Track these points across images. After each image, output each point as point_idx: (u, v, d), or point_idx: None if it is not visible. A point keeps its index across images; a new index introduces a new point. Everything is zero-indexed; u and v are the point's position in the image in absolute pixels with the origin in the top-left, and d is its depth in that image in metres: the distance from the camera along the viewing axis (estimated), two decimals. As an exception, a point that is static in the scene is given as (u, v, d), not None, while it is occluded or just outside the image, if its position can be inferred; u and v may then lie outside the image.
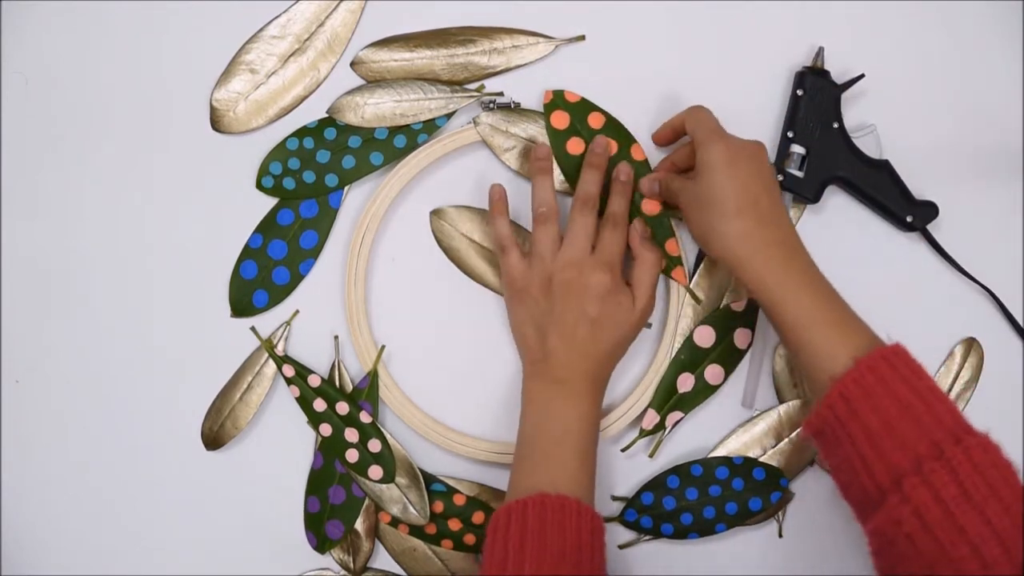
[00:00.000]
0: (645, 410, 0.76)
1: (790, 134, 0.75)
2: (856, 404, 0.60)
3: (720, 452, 0.77)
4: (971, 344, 0.78)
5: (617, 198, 0.74)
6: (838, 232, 0.77)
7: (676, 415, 0.76)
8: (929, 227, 0.76)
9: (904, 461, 0.58)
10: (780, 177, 0.75)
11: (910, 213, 0.76)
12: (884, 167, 0.76)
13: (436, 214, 0.77)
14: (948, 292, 0.78)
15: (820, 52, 0.76)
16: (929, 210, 0.76)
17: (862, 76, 0.75)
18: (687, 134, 0.73)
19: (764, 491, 0.76)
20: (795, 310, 0.65)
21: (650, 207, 0.75)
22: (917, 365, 0.62)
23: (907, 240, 0.78)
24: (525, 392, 0.71)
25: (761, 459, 0.76)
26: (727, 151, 0.68)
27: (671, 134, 0.75)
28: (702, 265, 0.77)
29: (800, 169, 0.75)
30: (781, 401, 0.77)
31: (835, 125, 0.75)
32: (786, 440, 0.77)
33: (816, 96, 0.75)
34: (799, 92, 0.75)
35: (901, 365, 0.61)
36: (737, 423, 0.77)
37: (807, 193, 0.75)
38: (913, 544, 0.57)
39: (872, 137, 0.76)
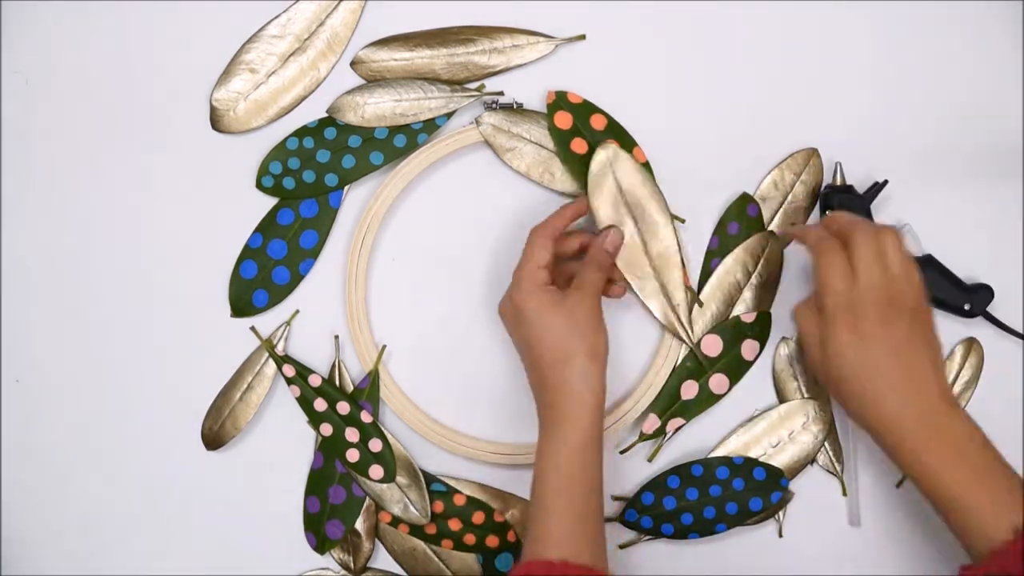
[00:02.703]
0: (646, 414, 0.76)
1: None
2: None
3: (720, 452, 0.77)
4: (971, 344, 0.78)
5: (595, 271, 0.71)
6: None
7: (678, 421, 0.76)
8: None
9: None
10: None
11: (966, 301, 0.76)
12: (930, 263, 0.76)
13: None
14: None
15: (838, 168, 0.76)
16: (984, 294, 0.76)
17: (886, 183, 0.75)
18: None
19: (764, 491, 0.76)
20: (948, 488, 0.63)
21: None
22: None
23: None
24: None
25: (761, 459, 0.76)
26: (855, 330, 0.66)
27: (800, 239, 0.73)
28: (713, 276, 0.77)
29: None
30: (781, 401, 0.77)
31: None
32: (787, 440, 0.77)
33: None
34: (828, 213, 0.75)
35: None
36: (737, 423, 0.77)
37: None
38: None
39: (909, 236, 0.76)
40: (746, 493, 0.76)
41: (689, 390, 0.76)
